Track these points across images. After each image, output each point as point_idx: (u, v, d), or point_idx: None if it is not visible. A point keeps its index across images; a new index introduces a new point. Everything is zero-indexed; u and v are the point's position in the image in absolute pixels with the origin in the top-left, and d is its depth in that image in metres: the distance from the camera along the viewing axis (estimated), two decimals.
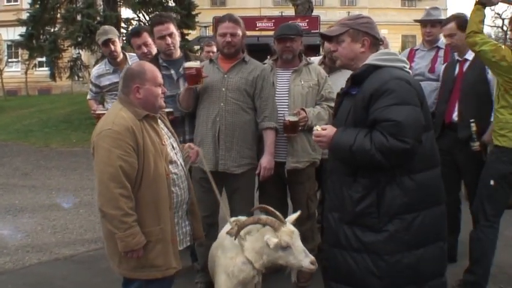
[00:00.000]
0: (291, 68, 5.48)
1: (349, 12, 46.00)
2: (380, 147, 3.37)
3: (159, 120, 4.08)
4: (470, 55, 5.58)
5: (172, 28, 5.44)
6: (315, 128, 3.79)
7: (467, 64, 5.65)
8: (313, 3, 27.60)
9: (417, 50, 6.78)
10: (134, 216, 3.67)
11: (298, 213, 4.02)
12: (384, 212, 3.54)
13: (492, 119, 5.31)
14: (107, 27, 6.89)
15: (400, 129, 3.36)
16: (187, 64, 4.99)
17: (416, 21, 7.22)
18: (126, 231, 3.62)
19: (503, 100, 5.01)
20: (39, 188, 10.65)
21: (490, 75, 5.39)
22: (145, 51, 6.05)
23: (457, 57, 5.87)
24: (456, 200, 5.95)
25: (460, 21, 5.59)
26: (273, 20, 25.07)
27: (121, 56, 6.59)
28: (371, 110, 3.48)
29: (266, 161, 5.14)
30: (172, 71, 5.50)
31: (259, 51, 8.29)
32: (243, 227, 3.92)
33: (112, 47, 6.45)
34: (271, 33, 5.63)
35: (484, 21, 5.10)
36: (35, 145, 16.29)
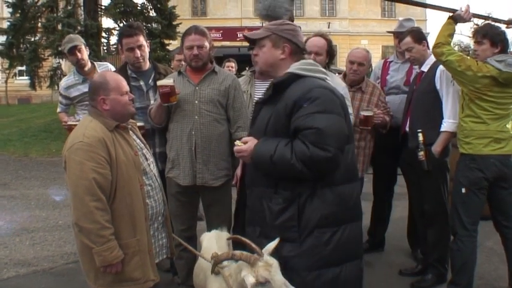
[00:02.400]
0: (270, 79, 5.41)
1: (329, 23, 46.31)
2: (301, 157, 3.29)
3: (130, 131, 4.05)
4: (425, 67, 5.73)
5: (142, 40, 5.33)
6: (236, 142, 3.72)
7: (423, 76, 5.77)
8: (294, 14, 27.69)
9: (391, 61, 6.83)
10: (111, 230, 3.65)
11: (276, 240, 3.59)
12: (304, 225, 3.45)
13: (441, 129, 5.44)
14: (72, 35, 6.81)
15: (322, 137, 3.28)
16: (161, 82, 4.88)
17: (389, 32, 7.30)
18: (103, 245, 3.59)
19: (468, 109, 5.13)
20: (17, 198, 10.53)
21: (439, 85, 5.50)
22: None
23: (417, 70, 6.02)
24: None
25: (415, 34, 5.77)
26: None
27: (89, 64, 6.49)
28: (293, 118, 3.40)
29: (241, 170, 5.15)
30: (142, 82, 5.43)
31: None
32: (218, 263, 3.72)
33: (79, 54, 6.34)
34: None
35: (453, 35, 5.25)
36: (14, 155, 16.16)
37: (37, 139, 18.74)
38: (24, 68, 23.24)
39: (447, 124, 5.41)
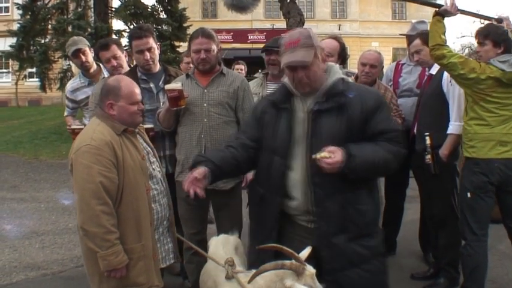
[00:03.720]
0: (281, 81, 5.37)
1: (340, 25, 46.21)
2: (398, 156, 3.60)
3: (137, 135, 4.03)
4: (434, 69, 5.69)
5: (152, 42, 5.29)
6: (321, 155, 3.44)
7: (431, 78, 5.74)
8: (305, 16, 27.66)
9: (403, 64, 6.77)
10: (117, 234, 3.63)
11: (309, 249, 3.61)
12: (378, 213, 3.83)
13: (448, 132, 5.39)
14: (76, 37, 6.71)
15: (402, 138, 3.68)
16: (169, 86, 4.84)
17: (401, 35, 7.25)
18: (108, 249, 3.57)
19: (472, 111, 5.05)
20: (27, 201, 10.53)
21: (446, 88, 5.45)
22: (115, 64, 5.82)
23: (426, 73, 5.97)
24: None
25: (425, 37, 5.66)
26: (265, 33, 25.14)
27: (94, 66, 6.42)
28: (374, 122, 3.55)
29: (252, 173, 5.06)
30: (152, 85, 5.38)
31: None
32: (262, 272, 3.51)
33: (83, 57, 6.27)
34: (263, 45, 5.60)
35: (445, 33, 5.14)
36: (24, 157, 16.17)
37: (47, 141, 18.79)
38: (34, 70, 23.34)
39: (454, 126, 5.36)
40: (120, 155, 3.70)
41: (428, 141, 5.41)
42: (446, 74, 5.41)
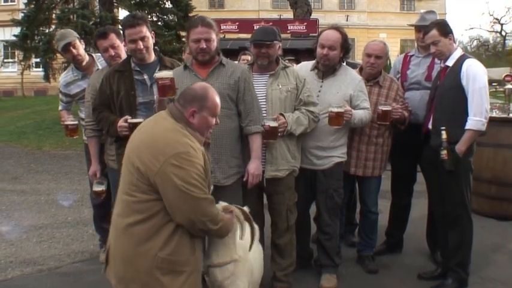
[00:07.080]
0: (268, 73, 5.25)
1: (347, 16, 46.13)
2: None
3: None
4: (450, 61, 5.44)
5: (145, 31, 5.09)
6: None
7: (447, 71, 5.50)
8: (312, 7, 27.47)
9: (412, 56, 6.53)
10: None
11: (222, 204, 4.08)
12: None
13: (466, 127, 5.18)
14: (63, 30, 6.47)
15: None
16: (159, 74, 4.64)
17: (410, 25, 7.04)
18: (221, 222, 3.72)
19: None
20: (28, 193, 10.40)
21: (465, 81, 5.23)
22: (113, 53, 5.67)
23: (440, 65, 5.73)
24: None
25: (441, 27, 5.44)
26: (270, 23, 24.86)
27: (87, 58, 6.21)
28: None
29: (254, 167, 4.92)
30: (146, 76, 5.17)
31: None
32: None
33: (74, 51, 6.03)
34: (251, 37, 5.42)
35: None
36: (27, 148, 16.12)
37: (51, 132, 18.66)
38: (39, 59, 23.27)
39: (472, 122, 5.14)
40: (206, 165, 3.69)
41: (444, 136, 5.20)
42: (465, 67, 5.23)
